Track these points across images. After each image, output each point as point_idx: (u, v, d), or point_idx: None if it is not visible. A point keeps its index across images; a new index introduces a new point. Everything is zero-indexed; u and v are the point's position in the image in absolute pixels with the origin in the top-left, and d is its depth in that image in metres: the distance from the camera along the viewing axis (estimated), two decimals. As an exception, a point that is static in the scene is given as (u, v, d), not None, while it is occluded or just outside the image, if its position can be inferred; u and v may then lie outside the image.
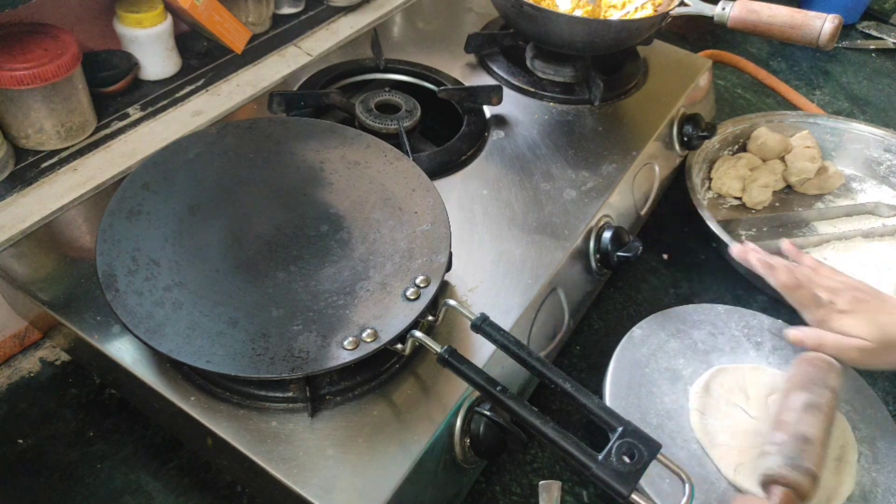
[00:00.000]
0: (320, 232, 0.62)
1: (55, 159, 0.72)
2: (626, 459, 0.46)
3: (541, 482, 0.61)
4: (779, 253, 0.89)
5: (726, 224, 0.91)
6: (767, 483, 0.60)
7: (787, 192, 0.99)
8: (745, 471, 0.63)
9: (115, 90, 0.78)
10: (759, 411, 0.68)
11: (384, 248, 0.61)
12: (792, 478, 0.58)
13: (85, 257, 0.65)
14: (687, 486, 0.47)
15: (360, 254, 0.60)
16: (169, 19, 0.80)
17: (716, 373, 0.71)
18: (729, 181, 0.96)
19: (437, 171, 0.76)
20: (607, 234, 0.75)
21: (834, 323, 0.68)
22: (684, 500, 0.47)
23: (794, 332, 0.70)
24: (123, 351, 0.59)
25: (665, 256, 0.90)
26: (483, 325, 0.54)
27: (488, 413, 0.57)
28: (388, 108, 0.80)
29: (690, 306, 0.78)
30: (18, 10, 0.70)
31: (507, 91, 0.87)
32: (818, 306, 0.69)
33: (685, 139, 0.92)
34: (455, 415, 0.57)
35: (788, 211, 0.96)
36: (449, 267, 0.60)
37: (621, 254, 0.74)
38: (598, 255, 0.75)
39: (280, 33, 0.92)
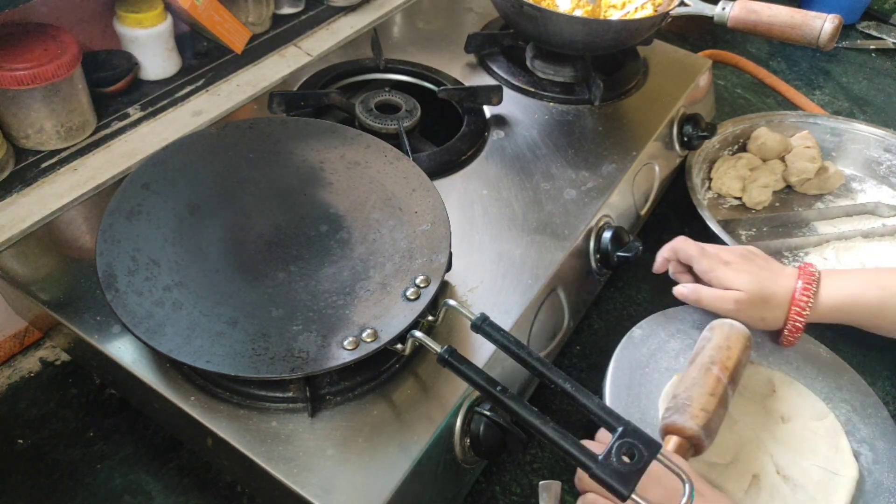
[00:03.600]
0: (320, 232, 0.62)
1: (55, 159, 0.72)
2: (626, 459, 0.46)
3: (541, 482, 0.61)
4: (778, 254, 0.90)
5: (726, 224, 0.91)
6: (665, 433, 0.62)
7: (787, 192, 0.99)
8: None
9: (115, 90, 0.78)
10: (747, 413, 0.68)
11: (384, 248, 0.61)
12: (689, 429, 0.60)
13: (85, 257, 0.65)
14: (687, 485, 0.47)
15: (360, 254, 0.60)
16: (169, 19, 0.80)
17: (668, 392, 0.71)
18: (729, 181, 0.96)
19: (437, 171, 0.76)
20: (607, 234, 0.75)
21: (717, 271, 0.71)
22: (684, 500, 0.47)
23: (678, 288, 0.75)
24: (123, 351, 0.59)
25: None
26: (483, 325, 0.54)
27: (488, 413, 0.57)
28: (388, 108, 0.80)
29: (690, 306, 0.78)
30: (18, 10, 0.70)
31: (507, 91, 0.87)
32: (703, 255, 0.72)
33: (685, 139, 0.92)
34: (455, 415, 0.57)
35: (788, 211, 0.96)
36: (449, 267, 0.60)
37: (621, 254, 0.74)
38: (598, 255, 0.75)
39: (280, 33, 0.92)
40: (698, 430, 0.60)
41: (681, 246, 0.74)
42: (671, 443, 0.61)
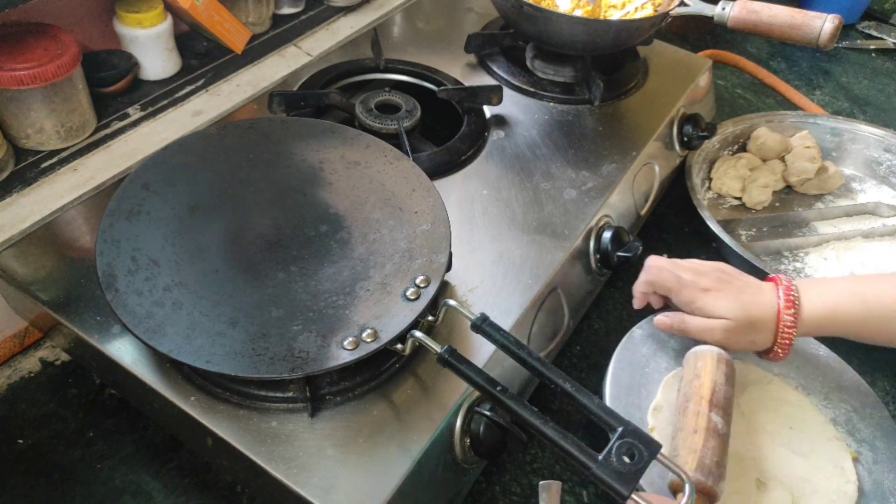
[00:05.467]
0: (320, 232, 0.62)
1: (55, 159, 0.72)
2: (626, 459, 0.46)
3: (541, 482, 0.61)
4: (778, 252, 0.90)
5: (726, 224, 0.91)
6: (676, 489, 0.60)
7: (787, 192, 0.99)
8: None
9: (115, 90, 0.78)
10: (733, 426, 0.67)
11: (384, 248, 0.61)
12: (701, 482, 0.57)
13: (85, 257, 0.65)
14: (687, 485, 0.47)
15: (360, 254, 0.60)
16: (169, 19, 0.80)
17: (668, 383, 0.70)
18: (729, 181, 0.96)
19: (437, 171, 0.76)
20: (607, 234, 0.75)
21: (699, 301, 0.67)
22: (684, 500, 0.47)
23: (660, 318, 0.71)
24: (123, 351, 0.59)
25: (665, 256, 0.89)
26: (483, 325, 0.54)
27: (488, 413, 0.57)
28: (388, 108, 0.80)
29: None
30: (18, 10, 0.70)
31: (507, 91, 0.87)
32: (682, 286, 0.68)
33: (685, 139, 0.92)
34: (455, 415, 0.57)
35: (788, 211, 0.96)
36: (449, 267, 0.60)
37: (621, 254, 0.74)
38: (598, 255, 0.75)
39: (280, 33, 0.92)
40: (696, 477, 0.57)
41: (657, 278, 0.70)
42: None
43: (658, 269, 0.70)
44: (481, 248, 0.69)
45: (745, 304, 0.67)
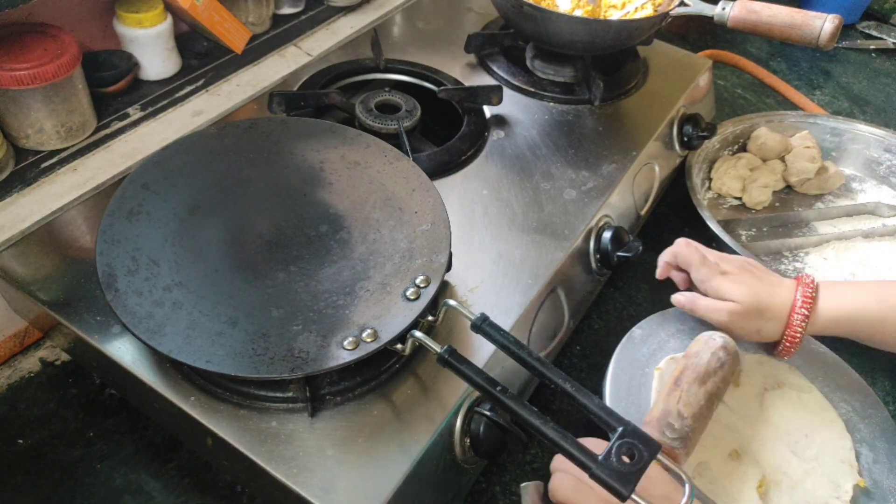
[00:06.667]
0: (320, 232, 0.62)
1: (55, 159, 0.72)
2: (626, 460, 0.46)
3: (522, 484, 0.60)
4: (778, 254, 0.90)
5: (726, 224, 0.91)
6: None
7: (787, 192, 0.99)
8: (710, 472, 0.62)
9: (115, 90, 0.78)
10: (744, 406, 0.68)
11: (384, 248, 0.61)
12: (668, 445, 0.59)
13: (85, 257, 0.65)
14: (687, 485, 0.47)
15: (360, 254, 0.60)
16: (169, 19, 0.80)
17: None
18: (729, 181, 0.96)
19: (437, 171, 0.76)
20: (607, 234, 0.75)
21: (713, 281, 0.69)
22: (684, 500, 0.47)
23: (676, 296, 0.73)
24: (123, 351, 0.59)
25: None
26: (483, 325, 0.54)
27: (488, 413, 0.57)
28: (388, 108, 0.80)
29: (690, 306, 0.78)
30: (18, 10, 0.70)
31: (507, 91, 0.87)
32: (702, 264, 0.70)
33: (685, 139, 0.92)
34: (455, 415, 0.57)
35: (788, 211, 0.96)
36: (449, 267, 0.60)
37: (621, 254, 0.74)
38: (598, 255, 0.75)
39: (280, 33, 0.92)
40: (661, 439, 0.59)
41: (682, 251, 0.72)
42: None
43: (686, 244, 0.72)
44: (481, 248, 0.69)
45: (757, 291, 0.68)
